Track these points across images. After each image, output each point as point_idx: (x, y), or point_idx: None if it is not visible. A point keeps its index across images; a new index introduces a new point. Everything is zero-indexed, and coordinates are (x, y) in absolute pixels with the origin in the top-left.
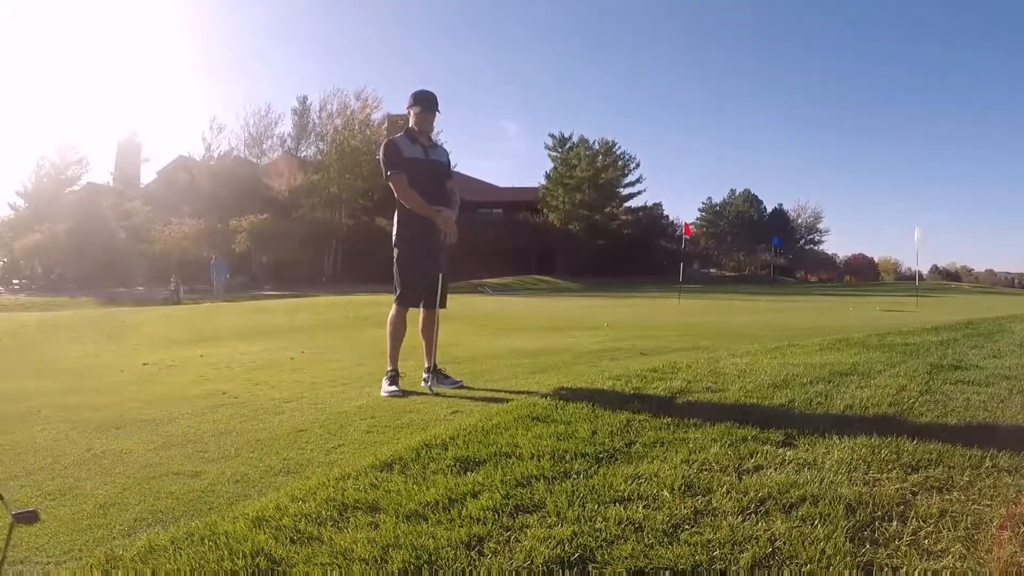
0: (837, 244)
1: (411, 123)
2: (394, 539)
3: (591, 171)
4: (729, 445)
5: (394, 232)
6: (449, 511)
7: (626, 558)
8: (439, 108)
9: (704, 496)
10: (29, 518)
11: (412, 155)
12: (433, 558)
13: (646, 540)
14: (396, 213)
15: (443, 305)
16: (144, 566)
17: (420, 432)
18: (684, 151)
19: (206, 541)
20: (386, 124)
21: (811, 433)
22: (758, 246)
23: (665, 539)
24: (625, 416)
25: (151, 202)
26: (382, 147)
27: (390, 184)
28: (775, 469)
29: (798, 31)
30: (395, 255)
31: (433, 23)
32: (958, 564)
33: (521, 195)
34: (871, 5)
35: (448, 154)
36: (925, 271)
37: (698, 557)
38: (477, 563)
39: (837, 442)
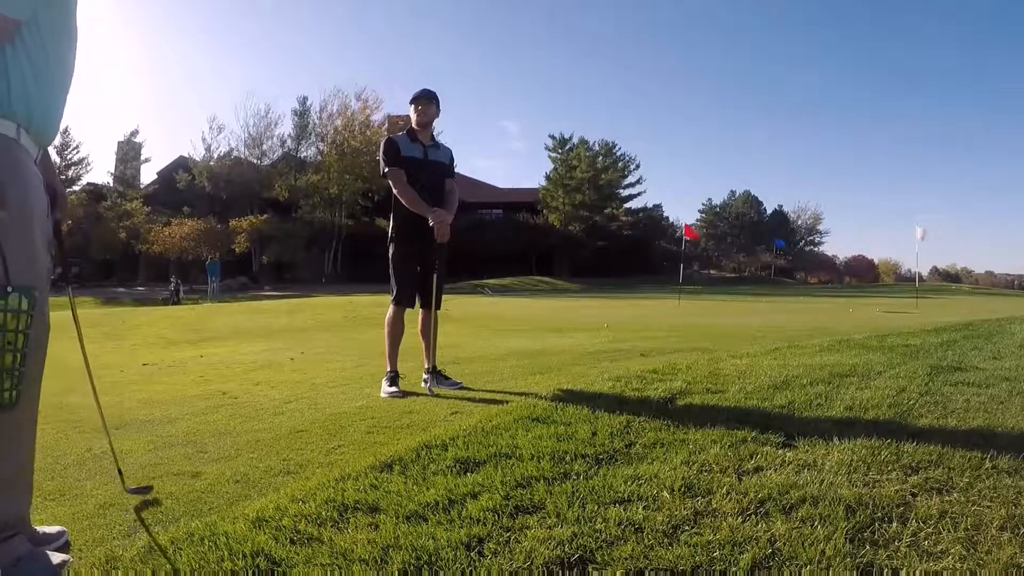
0: (837, 245)
1: (413, 121)
2: (394, 540)
3: (591, 172)
4: (729, 446)
5: (389, 230)
6: (449, 512)
7: (626, 559)
8: (439, 103)
9: (704, 497)
10: (143, 492)
11: (410, 154)
12: (433, 559)
13: (646, 541)
14: (392, 211)
15: (437, 307)
16: (144, 566)
17: (420, 433)
18: (684, 152)
19: (206, 541)
20: (386, 125)
21: (811, 434)
22: (758, 247)
23: (665, 540)
24: (625, 417)
25: (151, 202)
26: (381, 144)
27: (388, 180)
28: (775, 470)
29: (799, 32)
30: (389, 253)
31: (434, 24)
32: (958, 565)
33: (521, 196)
34: (872, 6)
35: (451, 153)
36: (925, 273)
37: (698, 558)
38: (477, 564)
39: (837, 443)
